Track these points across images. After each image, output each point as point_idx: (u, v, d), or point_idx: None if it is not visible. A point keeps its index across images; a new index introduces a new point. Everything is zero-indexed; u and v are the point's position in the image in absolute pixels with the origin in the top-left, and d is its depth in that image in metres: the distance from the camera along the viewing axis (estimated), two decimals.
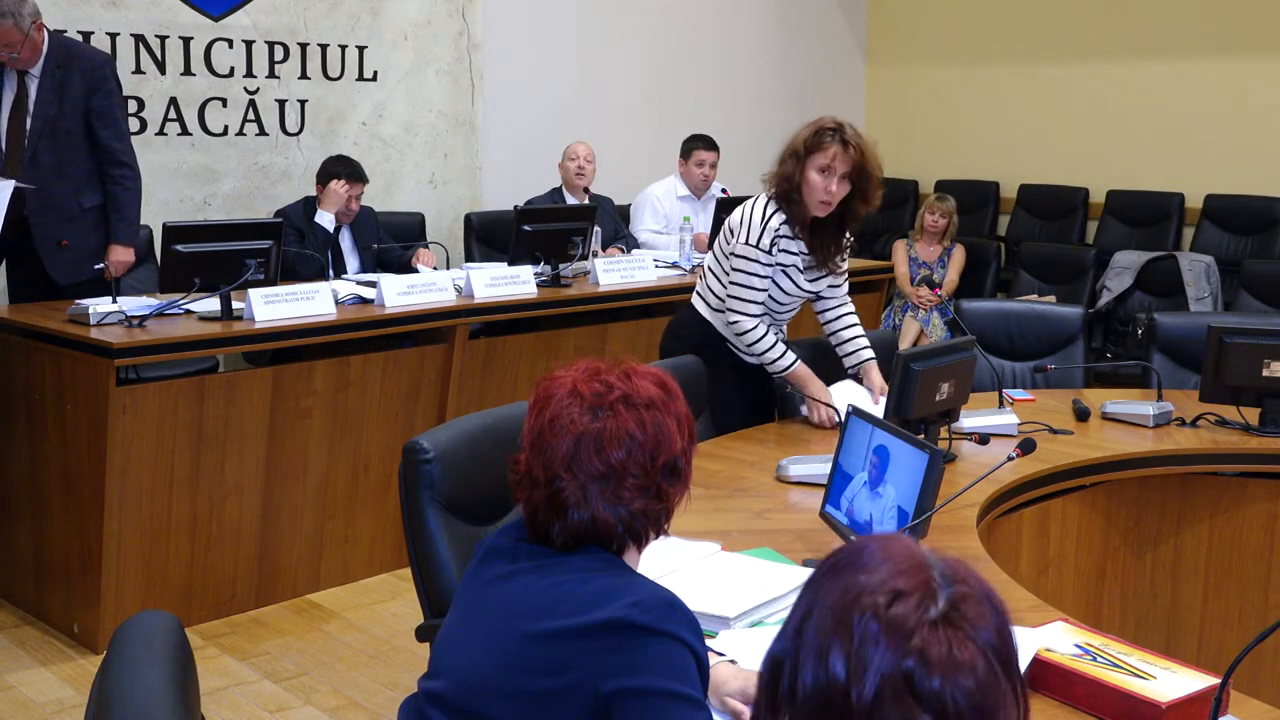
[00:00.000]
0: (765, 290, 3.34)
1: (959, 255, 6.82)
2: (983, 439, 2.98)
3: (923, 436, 2.62)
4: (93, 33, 5.08)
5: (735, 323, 3.38)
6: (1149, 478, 3.22)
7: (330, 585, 4.27)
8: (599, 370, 1.62)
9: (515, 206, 5.23)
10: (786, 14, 8.08)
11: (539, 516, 1.60)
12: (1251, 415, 3.34)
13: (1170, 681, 1.74)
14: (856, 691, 0.95)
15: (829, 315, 3.52)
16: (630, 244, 6.05)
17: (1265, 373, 3.31)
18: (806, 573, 2.19)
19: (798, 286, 3.38)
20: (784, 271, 3.35)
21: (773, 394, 3.51)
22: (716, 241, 3.53)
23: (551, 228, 4.94)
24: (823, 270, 3.40)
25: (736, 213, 3.38)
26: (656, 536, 1.65)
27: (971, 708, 0.95)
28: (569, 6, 6.87)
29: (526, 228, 4.85)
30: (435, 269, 5.15)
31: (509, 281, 4.65)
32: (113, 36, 5.15)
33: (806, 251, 3.35)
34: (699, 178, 6.16)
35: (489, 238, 6.02)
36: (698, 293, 3.58)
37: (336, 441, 4.19)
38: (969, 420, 3.19)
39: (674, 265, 5.40)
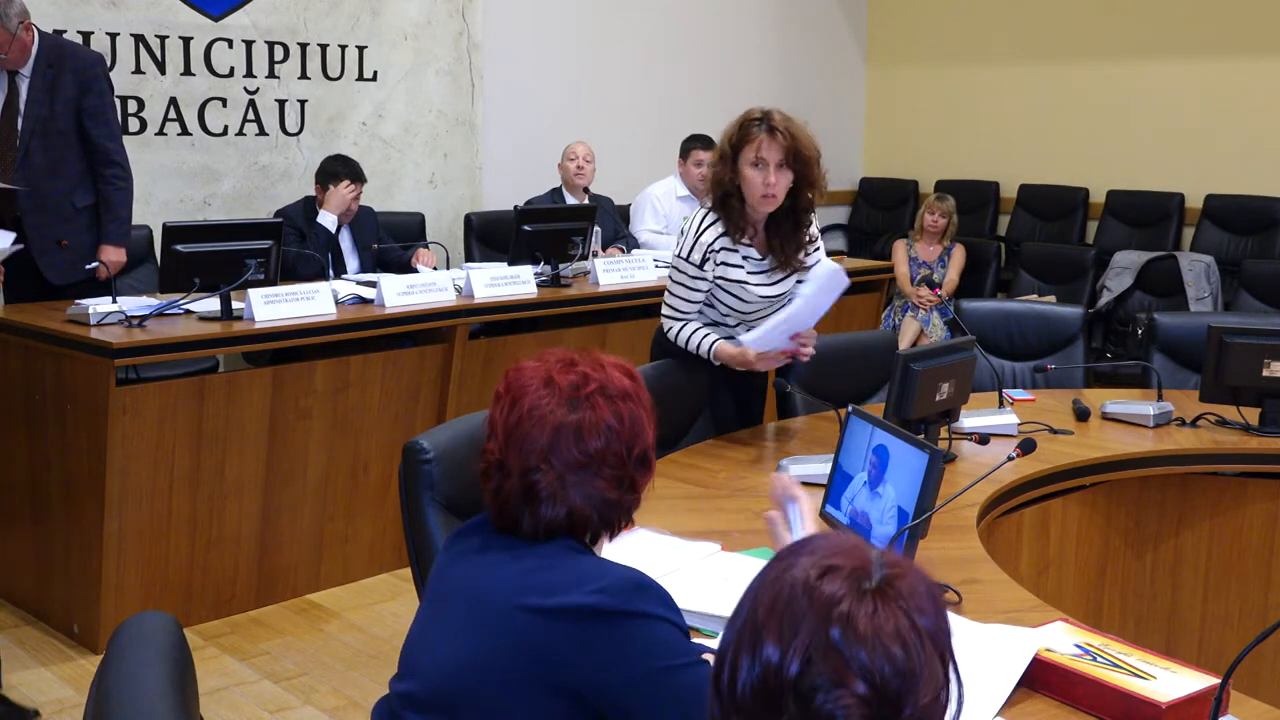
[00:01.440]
0: (697, 303, 3.19)
1: (959, 255, 6.82)
2: (983, 439, 2.98)
3: (923, 436, 2.62)
4: (92, 33, 5.07)
5: (665, 329, 3.26)
6: (1149, 478, 3.22)
7: (330, 585, 4.27)
8: (573, 361, 1.61)
9: (515, 206, 5.23)
10: (786, 14, 8.08)
11: (509, 506, 1.59)
12: (1251, 415, 3.34)
13: (1170, 681, 1.74)
14: (786, 665, 0.95)
15: None
16: (630, 244, 6.05)
17: (1265, 373, 3.31)
18: None
19: (757, 295, 3.18)
20: (726, 285, 3.16)
21: (763, 394, 3.50)
22: None
23: (551, 228, 4.94)
24: (786, 271, 3.20)
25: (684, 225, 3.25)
26: (625, 528, 1.66)
27: (898, 675, 0.94)
28: (569, 6, 6.87)
29: (526, 228, 4.85)
30: (435, 269, 5.16)
31: (509, 281, 4.65)
32: (112, 36, 5.15)
33: (760, 256, 3.16)
34: (698, 178, 6.15)
35: (489, 238, 6.02)
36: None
37: (336, 442, 4.19)
38: (969, 420, 3.19)
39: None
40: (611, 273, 5.05)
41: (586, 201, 5.91)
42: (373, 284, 4.41)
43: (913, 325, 6.62)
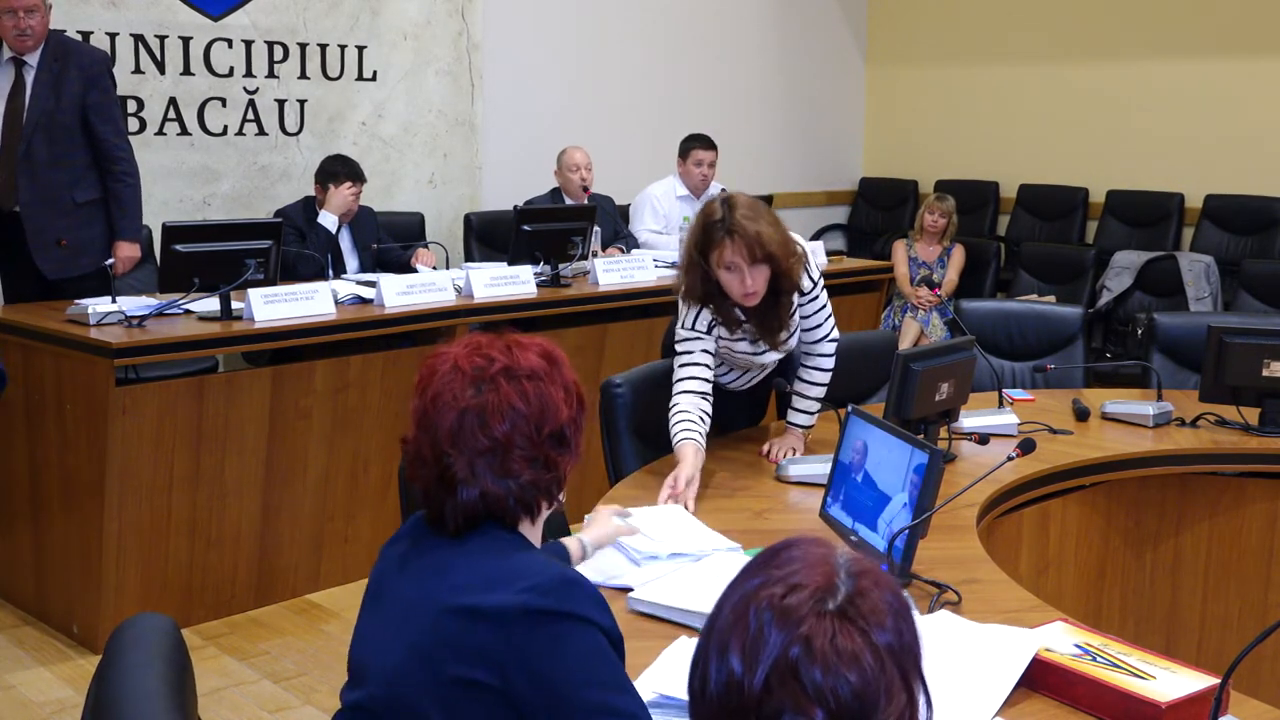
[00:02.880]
0: (707, 365, 2.93)
1: (959, 255, 6.82)
2: (982, 439, 2.98)
3: (922, 436, 2.62)
4: (92, 32, 5.07)
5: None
6: (1149, 478, 3.22)
7: (330, 585, 4.26)
8: (480, 344, 1.62)
9: (515, 206, 5.23)
10: (786, 14, 8.08)
11: (431, 495, 1.61)
12: (1251, 415, 3.34)
13: (1170, 681, 1.74)
14: (749, 681, 0.97)
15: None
16: (630, 244, 6.05)
17: (1265, 373, 3.31)
18: None
19: (756, 361, 3.06)
20: (728, 345, 3.01)
21: (767, 397, 3.50)
22: None
23: (551, 228, 4.94)
24: (770, 347, 3.00)
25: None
26: (550, 506, 1.66)
27: (854, 698, 0.95)
28: (569, 7, 6.87)
29: (526, 228, 4.85)
30: (434, 269, 5.15)
31: (508, 281, 4.64)
32: (112, 36, 5.15)
33: (751, 332, 2.97)
34: (698, 177, 6.16)
35: (489, 238, 6.02)
36: None
37: (336, 442, 4.19)
38: (969, 420, 3.19)
39: (673, 265, 5.39)
40: (611, 273, 5.04)
41: (585, 202, 5.91)
42: (372, 284, 4.41)
43: (913, 325, 6.62)
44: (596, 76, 7.03)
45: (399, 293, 4.32)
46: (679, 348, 2.94)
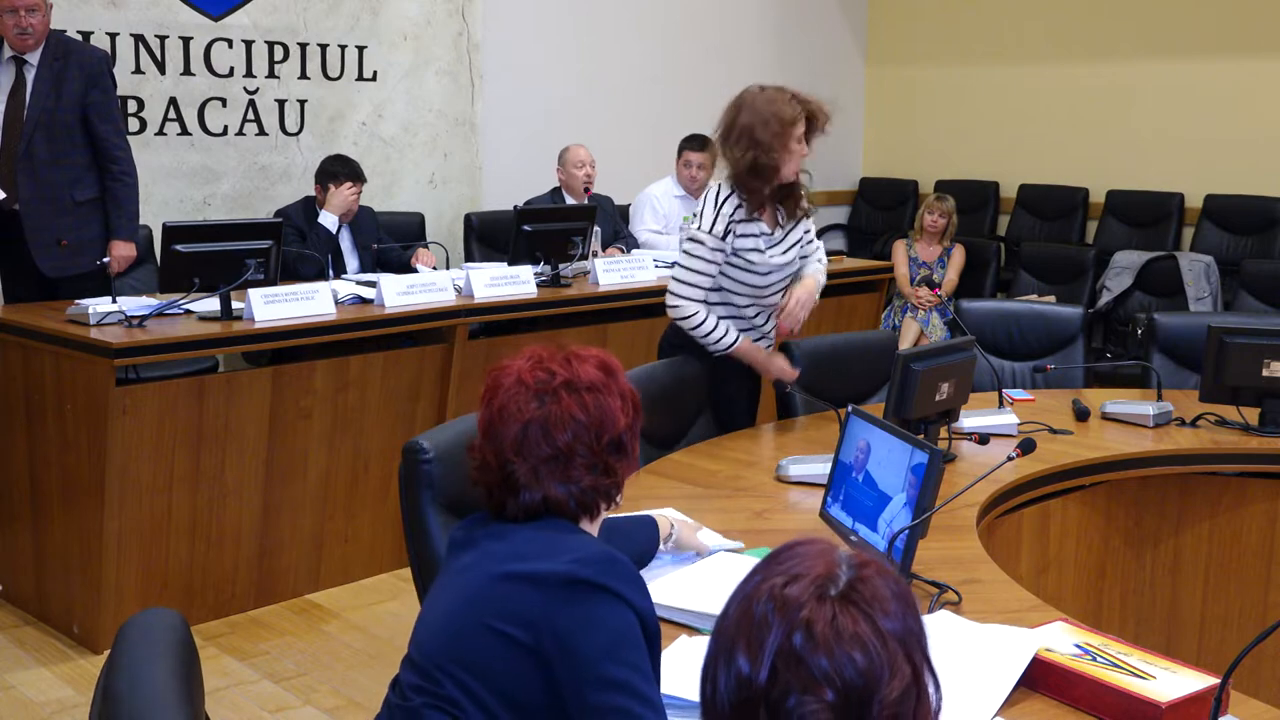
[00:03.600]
0: (711, 276, 3.30)
1: (958, 255, 6.82)
2: (982, 439, 2.98)
3: (922, 436, 2.62)
4: (92, 32, 5.07)
5: (675, 307, 3.32)
6: (1149, 478, 3.22)
7: (330, 585, 4.26)
8: (542, 358, 1.71)
9: (515, 206, 5.23)
10: (786, 14, 8.08)
11: (494, 495, 1.71)
12: (1251, 415, 3.34)
13: (1170, 681, 1.74)
14: (755, 674, 0.97)
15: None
16: (630, 244, 6.05)
17: (1265, 373, 3.31)
18: None
19: (771, 264, 3.33)
20: (742, 259, 3.29)
21: (759, 388, 3.51)
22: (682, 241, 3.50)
23: (551, 228, 4.94)
24: (795, 220, 3.40)
25: (698, 207, 3.39)
26: (608, 508, 1.75)
27: (860, 676, 0.95)
28: (569, 7, 6.87)
29: (526, 228, 4.85)
30: (434, 269, 5.15)
31: (509, 281, 4.64)
32: (112, 36, 5.15)
33: (769, 229, 3.33)
34: (687, 178, 6.16)
35: (489, 238, 6.02)
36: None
37: (336, 441, 4.19)
38: (969, 420, 3.19)
39: (674, 265, 5.39)
40: (611, 273, 5.04)
41: (586, 202, 5.91)
42: (372, 284, 4.41)
43: (913, 325, 6.62)
44: (596, 77, 7.03)
45: (399, 293, 4.32)
46: (700, 258, 3.29)
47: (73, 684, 3.55)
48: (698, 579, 2.13)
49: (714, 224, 3.27)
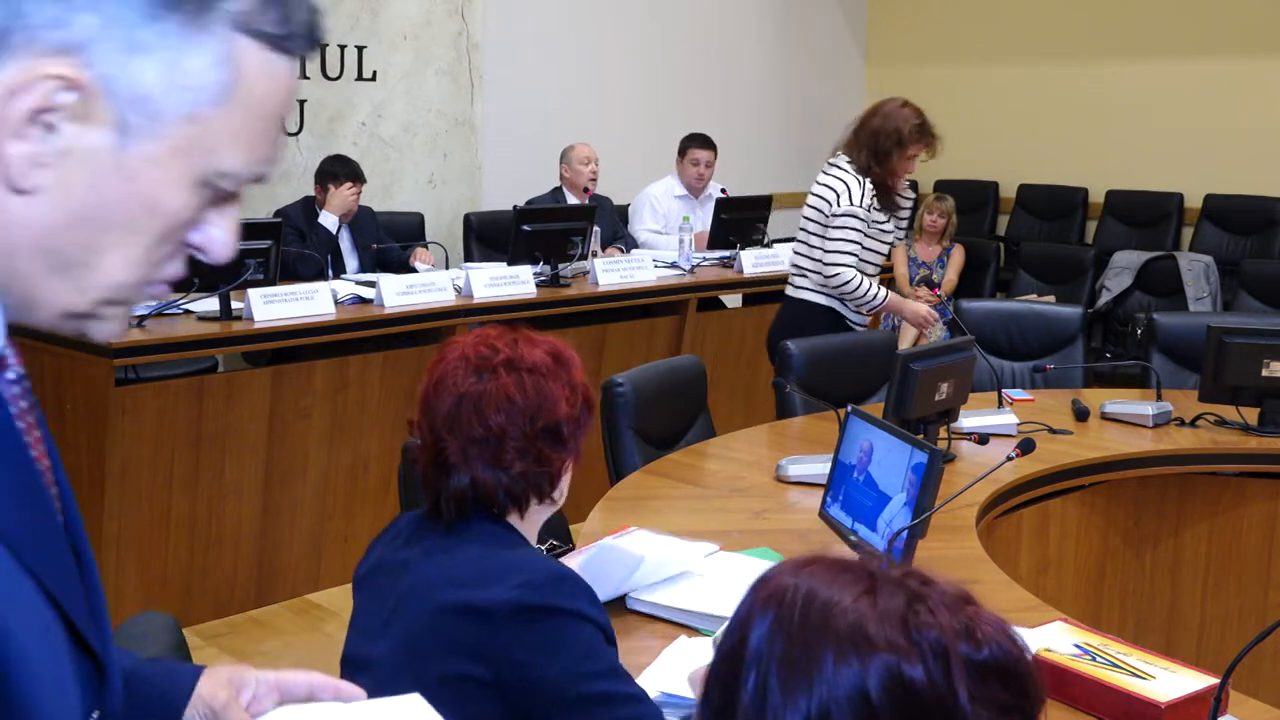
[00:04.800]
0: (859, 244, 3.90)
1: (958, 255, 6.82)
2: (982, 439, 2.97)
3: (922, 436, 2.62)
4: None
5: (835, 275, 3.88)
6: (1148, 478, 3.22)
7: (330, 585, 4.26)
8: (491, 337, 1.65)
9: (514, 206, 5.23)
10: (786, 14, 8.08)
11: (429, 481, 1.64)
12: (1251, 415, 3.34)
13: (1169, 681, 1.74)
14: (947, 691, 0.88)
15: None
16: (629, 244, 6.05)
17: (1265, 373, 3.31)
18: None
19: (884, 232, 4.00)
20: (875, 229, 3.94)
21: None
22: (804, 229, 4.03)
23: (551, 228, 4.93)
24: (895, 209, 4.02)
25: (823, 190, 3.94)
26: (540, 502, 1.66)
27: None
28: (568, 6, 6.87)
29: (526, 228, 4.85)
30: (433, 267, 5.15)
31: (508, 281, 4.64)
32: None
33: (888, 209, 3.97)
34: (693, 176, 6.16)
35: (488, 238, 6.02)
36: (802, 287, 4.06)
37: (336, 441, 4.19)
38: (968, 420, 3.19)
39: (673, 265, 5.40)
40: (611, 273, 5.04)
41: (586, 202, 5.91)
42: (372, 284, 4.41)
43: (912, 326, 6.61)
44: (596, 76, 7.03)
45: (399, 293, 4.32)
46: (854, 230, 3.87)
47: None
48: (699, 579, 2.12)
49: (862, 198, 3.87)
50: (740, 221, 5.62)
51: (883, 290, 3.96)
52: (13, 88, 0.70)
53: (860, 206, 3.87)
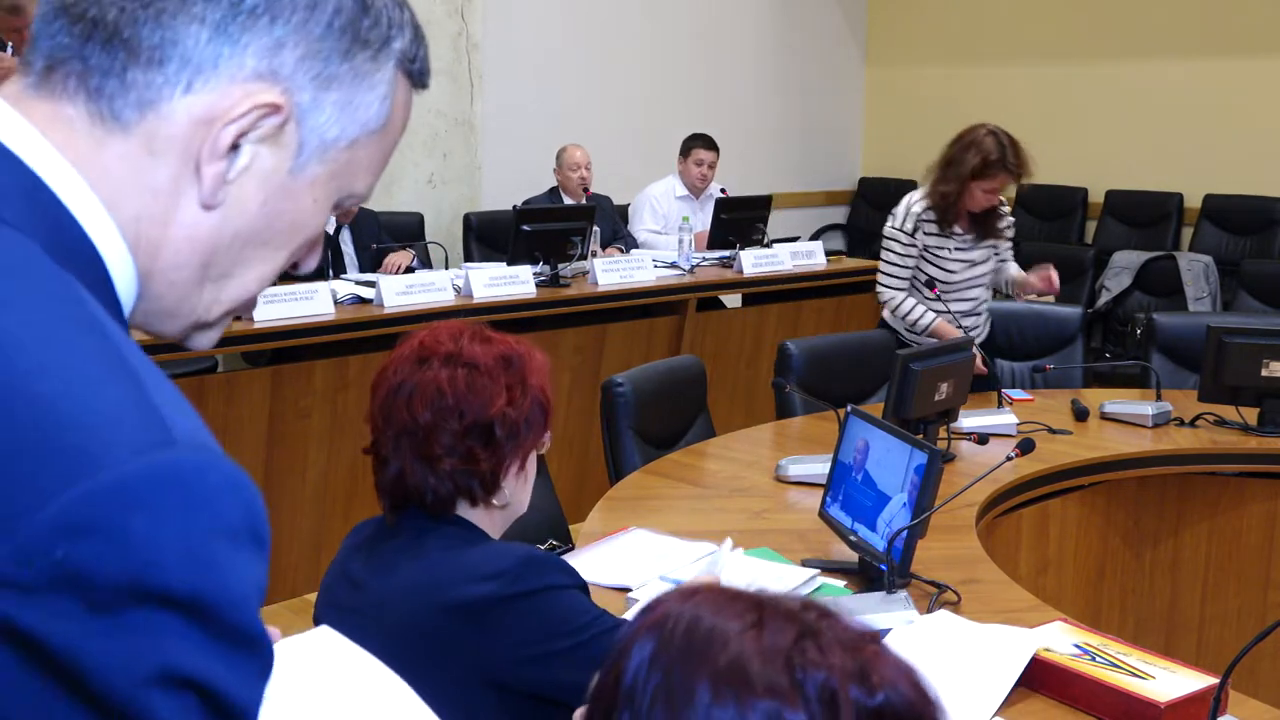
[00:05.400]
0: (908, 269, 3.86)
1: None
2: (982, 439, 2.98)
3: (922, 436, 2.62)
4: None
5: (878, 293, 3.93)
6: (1148, 478, 3.22)
7: None
8: (442, 329, 1.61)
9: (514, 206, 5.23)
10: (786, 14, 8.08)
11: (375, 474, 1.62)
12: (1250, 415, 3.34)
13: (1169, 681, 1.74)
14: None
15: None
16: (629, 244, 6.05)
17: (1264, 373, 3.31)
18: (806, 573, 2.20)
19: (958, 260, 3.86)
20: (933, 254, 3.84)
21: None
22: None
23: (550, 228, 4.93)
24: (988, 240, 3.87)
25: (897, 209, 3.97)
26: (475, 504, 1.61)
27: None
28: (569, 7, 6.87)
29: (525, 227, 4.85)
30: (412, 269, 5.08)
31: (508, 281, 4.64)
32: None
33: (963, 232, 3.85)
34: (696, 176, 6.16)
35: (488, 237, 6.02)
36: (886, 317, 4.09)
37: (336, 441, 4.19)
38: (968, 420, 3.19)
39: (673, 265, 5.40)
40: (610, 273, 5.04)
41: (585, 202, 5.91)
42: (372, 284, 4.41)
43: None
44: (596, 77, 7.03)
45: (398, 293, 4.32)
46: (894, 253, 3.86)
47: None
48: (697, 578, 2.12)
49: (903, 221, 3.86)
50: (740, 221, 5.62)
51: (929, 314, 3.84)
52: (225, 112, 0.75)
53: (901, 230, 3.86)
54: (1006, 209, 3.97)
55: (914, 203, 3.87)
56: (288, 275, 0.90)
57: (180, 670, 0.63)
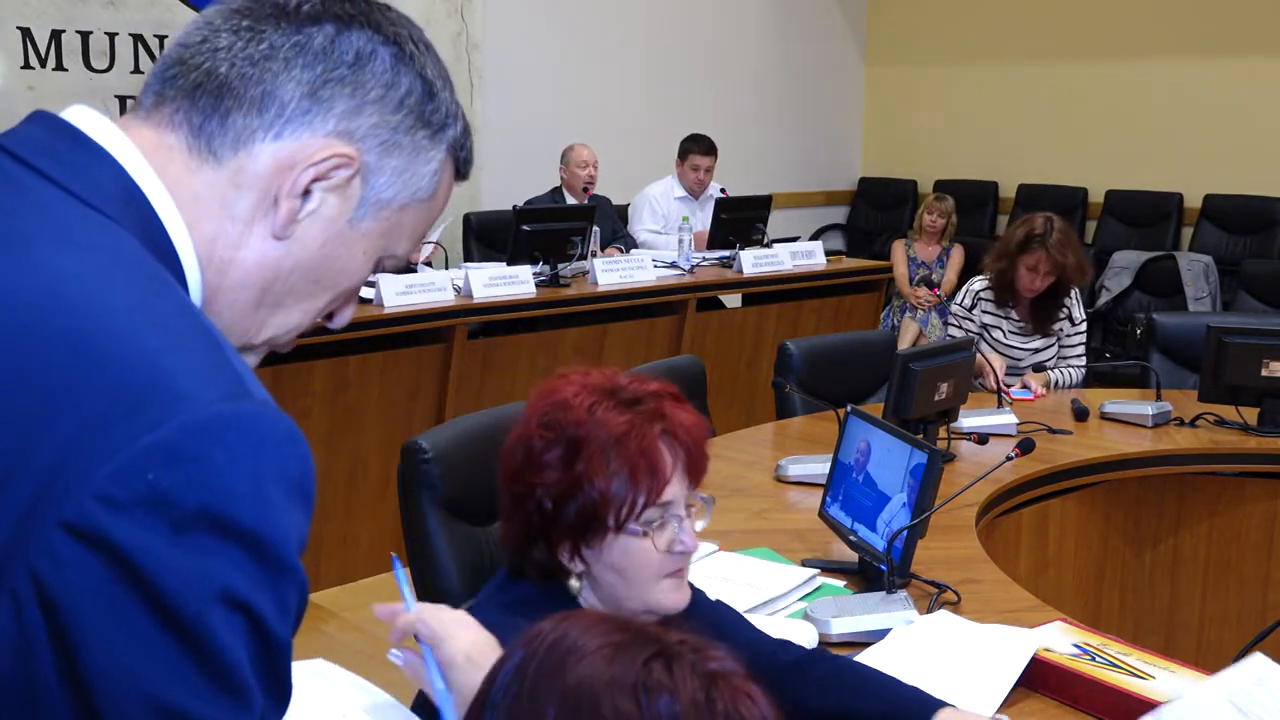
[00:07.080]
0: (964, 332, 4.03)
1: (957, 255, 6.82)
2: (982, 439, 2.98)
3: (922, 436, 2.62)
4: (91, 32, 5.08)
5: None
6: (1148, 477, 3.22)
7: (330, 585, 4.26)
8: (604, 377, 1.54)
9: (514, 206, 5.23)
10: (786, 14, 8.09)
11: None
12: (1250, 415, 3.34)
13: (1169, 681, 1.74)
14: None
15: None
16: (629, 244, 6.05)
17: (1264, 373, 3.31)
18: (806, 573, 2.20)
19: (1010, 344, 4.00)
20: (988, 330, 4.03)
21: None
22: None
23: (550, 228, 4.94)
24: (1040, 334, 3.99)
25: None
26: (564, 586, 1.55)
27: None
28: (568, 7, 6.87)
29: (525, 227, 4.85)
30: (429, 264, 5.12)
31: (508, 281, 4.64)
32: (111, 36, 5.15)
33: (1019, 319, 4.00)
34: (693, 181, 6.17)
35: (488, 237, 6.02)
36: None
37: (335, 442, 4.19)
38: (968, 420, 3.19)
39: (673, 265, 5.40)
40: (610, 273, 5.04)
41: (585, 202, 5.92)
42: (372, 283, 4.41)
43: (911, 326, 6.62)
44: (596, 77, 7.03)
45: (398, 292, 4.32)
46: (954, 327, 4.12)
47: None
48: (699, 579, 2.12)
49: (963, 298, 4.12)
50: (740, 221, 5.62)
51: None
52: (307, 158, 0.88)
53: (961, 305, 4.10)
54: (1078, 318, 4.03)
55: (975, 280, 4.11)
56: (320, 329, 0.99)
57: (238, 594, 0.72)
